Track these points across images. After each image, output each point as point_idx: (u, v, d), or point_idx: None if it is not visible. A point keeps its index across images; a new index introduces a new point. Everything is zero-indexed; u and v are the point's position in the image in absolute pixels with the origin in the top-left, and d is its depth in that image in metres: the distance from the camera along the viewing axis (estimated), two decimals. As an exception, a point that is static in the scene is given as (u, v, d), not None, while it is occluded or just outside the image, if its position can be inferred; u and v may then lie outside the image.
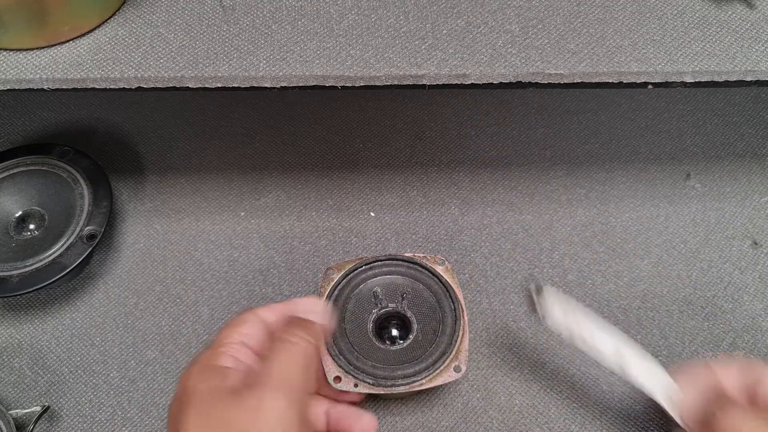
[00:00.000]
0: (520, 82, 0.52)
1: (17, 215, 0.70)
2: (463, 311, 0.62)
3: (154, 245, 0.76)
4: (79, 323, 0.70)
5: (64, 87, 0.50)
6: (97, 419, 0.65)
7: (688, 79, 0.52)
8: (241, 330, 0.52)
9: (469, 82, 0.52)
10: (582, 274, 0.74)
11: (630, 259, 0.75)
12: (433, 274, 0.64)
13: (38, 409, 0.63)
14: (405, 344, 0.62)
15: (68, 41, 0.51)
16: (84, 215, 0.69)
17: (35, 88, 0.50)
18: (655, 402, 0.56)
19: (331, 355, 0.59)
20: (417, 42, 0.52)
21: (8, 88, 0.50)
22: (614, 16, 0.54)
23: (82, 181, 0.71)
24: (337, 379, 0.58)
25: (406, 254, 0.65)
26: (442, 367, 0.59)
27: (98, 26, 0.52)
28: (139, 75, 0.50)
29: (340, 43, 0.52)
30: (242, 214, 0.78)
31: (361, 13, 0.54)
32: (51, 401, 0.66)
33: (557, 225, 0.78)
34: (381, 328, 0.64)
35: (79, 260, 0.66)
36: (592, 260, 0.75)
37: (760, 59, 0.52)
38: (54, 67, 0.50)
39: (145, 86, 0.50)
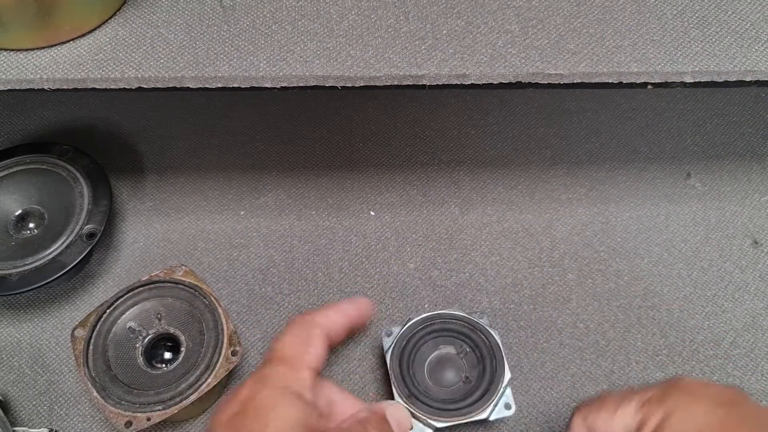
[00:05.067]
0: (520, 82, 0.52)
1: (17, 214, 0.70)
2: (216, 300, 0.63)
3: (153, 244, 0.75)
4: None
5: (64, 87, 0.50)
6: (96, 419, 0.65)
7: (688, 79, 0.52)
8: (311, 350, 0.50)
9: (469, 83, 0.51)
10: (582, 273, 0.74)
11: (630, 258, 0.75)
12: (176, 283, 0.64)
13: (45, 431, 0.63)
14: (181, 357, 0.62)
15: (68, 41, 0.51)
16: (83, 214, 0.69)
17: (36, 88, 0.50)
18: None
19: (111, 404, 0.58)
20: (417, 42, 0.52)
21: (9, 88, 0.50)
22: (614, 16, 0.54)
23: (81, 179, 0.71)
24: (128, 423, 0.58)
25: (143, 278, 0.64)
26: (220, 359, 0.60)
27: (98, 26, 0.52)
28: (139, 75, 0.50)
29: (340, 44, 0.52)
30: (242, 213, 0.78)
31: (361, 14, 0.53)
32: (50, 400, 0.66)
33: (557, 224, 0.78)
34: (152, 357, 0.64)
35: (79, 259, 0.66)
36: (592, 259, 0.75)
37: (760, 59, 0.52)
38: (54, 67, 0.50)
39: (145, 86, 0.50)
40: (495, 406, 0.60)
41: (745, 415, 0.43)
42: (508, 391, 0.61)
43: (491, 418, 0.60)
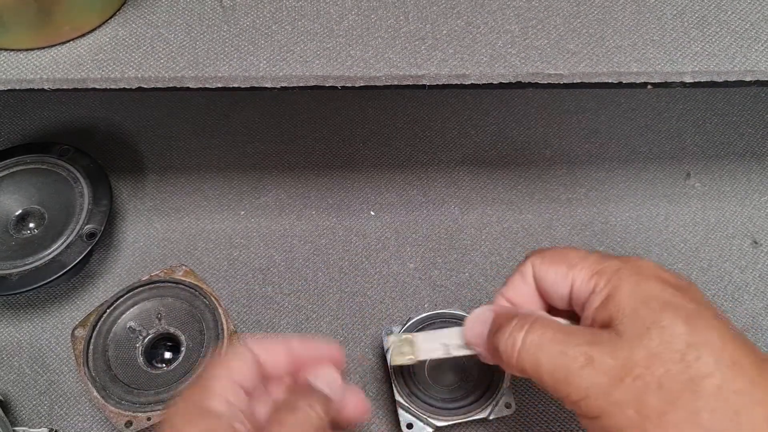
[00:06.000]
0: (520, 82, 0.52)
1: (17, 214, 0.70)
2: (216, 300, 0.63)
3: (153, 244, 0.76)
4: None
5: (64, 87, 0.50)
6: (96, 418, 0.66)
7: (688, 79, 0.52)
8: (231, 365, 0.45)
9: (469, 83, 0.52)
10: (581, 273, 0.74)
11: (630, 258, 0.75)
12: (176, 283, 0.65)
13: (45, 430, 0.63)
14: (181, 357, 0.62)
15: (69, 41, 0.51)
16: (84, 214, 0.69)
17: (36, 88, 0.50)
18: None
19: (111, 404, 0.58)
20: (417, 42, 0.52)
21: (9, 88, 0.50)
22: (614, 17, 0.54)
23: (81, 179, 0.71)
24: (129, 423, 0.58)
25: (143, 278, 0.64)
26: None
27: (99, 26, 0.52)
28: (139, 75, 0.50)
29: (340, 44, 0.52)
30: (242, 212, 0.78)
31: (361, 14, 0.54)
32: (51, 400, 0.66)
33: (557, 224, 0.78)
34: (152, 356, 0.64)
35: (79, 259, 0.67)
36: (591, 259, 0.75)
37: (760, 59, 0.52)
38: (54, 67, 0.50)
39: (145, 86, 0.50)
40: (495, 405, 0.60)
41: (691, 297, 0.42)
42: (509, 390, 0.61)
43: (491, 417, 0.60)
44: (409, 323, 0.64)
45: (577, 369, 0.41)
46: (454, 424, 0.60)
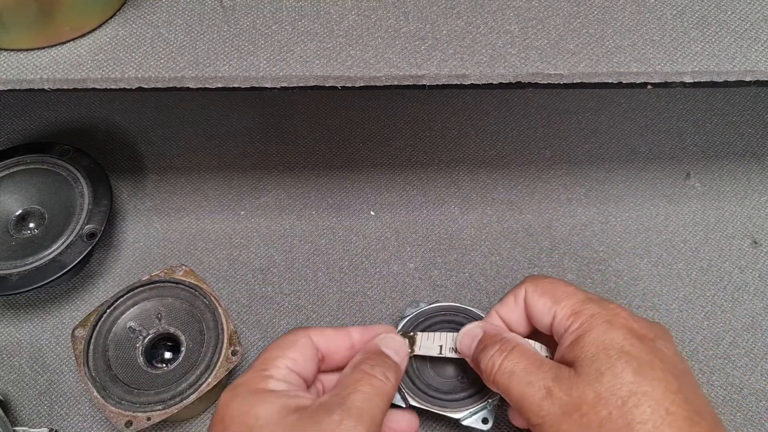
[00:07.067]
0: (520, 82, 0.52)
1: (17, 214, 0.70)
2: (216, 300, 0.63)
3: (154, 244, 0.76)
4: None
5: (64, 87, 0.50)
6: (96, 418, 0.66)
7: (688, 80, 0.52)
8: (288, 354, 0.51)
9: (469, 83, 0.52)
10: (581, 272, 0.74)
11: (630, 258, 0.75)
12: (176, 283, 0.64)
13: (45, 430, 0.63)
14: (181, 357, 0.62)
15: (69, 41, 0.51)
16: (84, 214, 0.69)
17: (36, 88, 0.50)
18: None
19: (111, 404, 0.58)
20: (417, 42, 0.52)
21: (9, 88, 0.50)
22: (614, 17, 0.54)
23: (82, 179, 0.71)
24: (129, 423, 0.58)
25: (144, 278, 0.64)
26: (220, 359, 0.61)
27: (99, 26, 0.52)
28: (139, 75, 0.50)
29: (340, 44, 0.52)
30: (242, 213, 0.78)
31: (361, 14, 0.54)
32: (51, 400, 0.66)
33: (557, 224, 0.78)
34: (152, 356, 0.64)
35: (79, 259, 0.66)
36: (591, 259, 0.75)
37: (760, 59, 0.52)
38: (54, 67, 0.50)
39: (145, 86, 0.50)
40: (473, 414, 0.59)
41: (651, 348, 0.49)
42: (493, 407, 0.60)
43: (464, 423, 0.59)
44: (435, 304, 0.65)
45: (538, 399, 0.48)
46: (427, 411, 0.59)
